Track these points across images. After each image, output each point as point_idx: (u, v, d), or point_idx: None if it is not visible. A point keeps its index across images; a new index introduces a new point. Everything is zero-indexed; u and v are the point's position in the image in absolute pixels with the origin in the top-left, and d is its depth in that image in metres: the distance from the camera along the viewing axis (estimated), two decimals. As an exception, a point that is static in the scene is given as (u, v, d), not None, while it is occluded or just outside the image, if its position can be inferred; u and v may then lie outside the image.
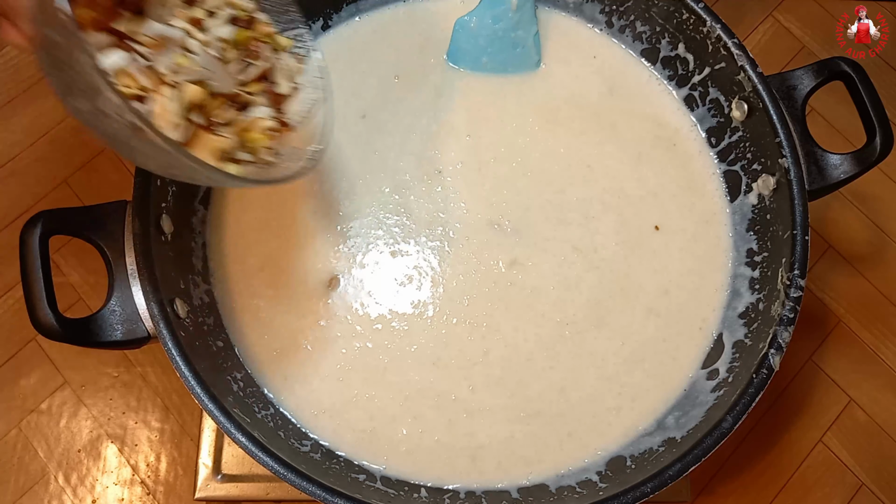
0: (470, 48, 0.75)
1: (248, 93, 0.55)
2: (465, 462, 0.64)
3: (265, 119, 0.56)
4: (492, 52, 0.75)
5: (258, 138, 0.55)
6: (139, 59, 0.50)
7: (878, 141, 0.64)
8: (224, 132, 0.53)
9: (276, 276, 0.69)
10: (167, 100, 0.51)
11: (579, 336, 0.68)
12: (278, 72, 0.58)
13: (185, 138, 0.51)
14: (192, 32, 0.53)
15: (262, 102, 0.56)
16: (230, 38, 0.55)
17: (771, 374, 0.58)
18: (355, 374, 0.66)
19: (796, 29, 0.97)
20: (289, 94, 0.59)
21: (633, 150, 0.74)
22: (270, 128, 0.56)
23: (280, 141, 0.57)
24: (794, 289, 0.60)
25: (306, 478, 0.55)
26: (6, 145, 0.89)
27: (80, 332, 0.57)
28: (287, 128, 0.58)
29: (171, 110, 0.51)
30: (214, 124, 0.53)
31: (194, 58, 0.52)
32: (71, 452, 0.78)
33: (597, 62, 0.77)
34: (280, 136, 0.57)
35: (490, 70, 0.76)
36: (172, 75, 0.51)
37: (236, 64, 0.55)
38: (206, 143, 0.53)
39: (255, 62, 0.56)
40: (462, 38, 0.75)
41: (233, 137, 0.54)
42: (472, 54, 0.75)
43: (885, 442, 0.81)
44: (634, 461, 0.63)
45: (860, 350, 0.84)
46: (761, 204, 0.67)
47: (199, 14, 0.54)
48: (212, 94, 0.53)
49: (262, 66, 0.56)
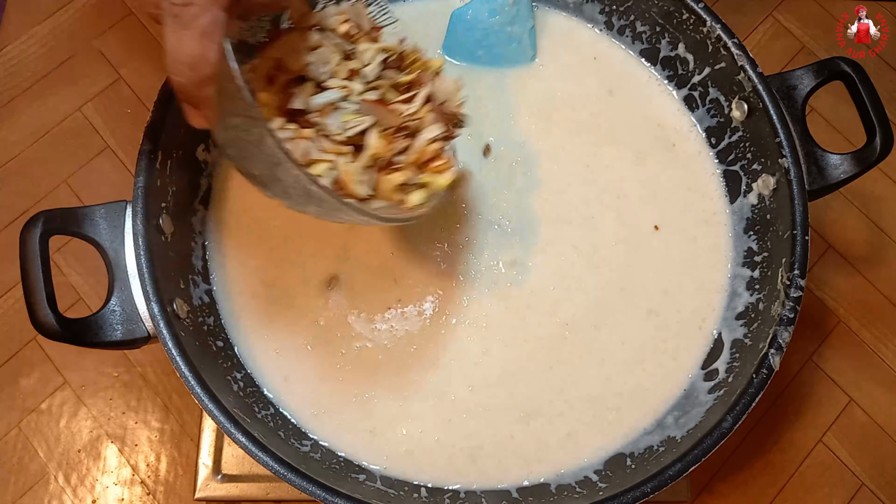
0: (466, 41, 0.75)
1: (414, 118, 0.58)
2: (465, 462, 0.64)
3: (439, 138, 0.58)
4: (487, 45, 0.75)
5: (437, 167, 0.58)
6: (315, 137, 0.54)
7: (878, 141, 0.63)
8: (400, 162, 0.56)
9: (275, 276, 0.69)
10: (349, 164, 0.53)
11: (579, 336, 0.68)
12: (436, 91, 0.60)
13: (371, 188, 0.54)
14: (351, 87, 0.56)
15: (431, 121, 0.58)
16: (389, 80, 0.58)
17: (771, 374, 0.58)
18: (355, 375, 0.66)
19: (796, 29, 0.97)
20: (454, 111, 0.61)
21: (633, 151, 0.74)
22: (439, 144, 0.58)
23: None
24: (794, 289, 0.60)
25: (306, 478, 0.55)
26: (6, 145, 0.89)
27: (80, 332, 0.57)
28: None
29: (354, 171, 0.53)
30: (391, 162, 0.56)
31: (359, 110, 0.55)
32: (71, 452, 0.78)
33: (596, 62, 0.77)
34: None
35: (485, 63, 0.76)
36: (344, 133, 0.54)
37: (399, 99, 0.57)
38: (388, 183, 0.55)
39: (418, 90, 0.58)
40: (458, 31, 0.75)
41: (409, 167, 0.56)
42: (468, 47, 0.75)
43: (884, 442, 0.81)
44: (634, 461, 0.63)
45: (860, 350, 0.84)
46: (761, 204, 0.67)
47: (356, 65, 0.57)
48: (382, 133, 0.55)
49: (424, 91, 0.58)
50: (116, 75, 0.92)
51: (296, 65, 0.56)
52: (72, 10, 0.95)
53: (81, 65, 0.92)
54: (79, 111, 0.90)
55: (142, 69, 0.92)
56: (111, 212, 0.59)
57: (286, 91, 0.56)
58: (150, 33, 0.94)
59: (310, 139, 0.54)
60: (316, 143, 0.54)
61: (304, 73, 0.56)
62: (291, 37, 0.57)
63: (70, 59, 0.92)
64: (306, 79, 0.56)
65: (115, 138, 0.89)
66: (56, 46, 0.93)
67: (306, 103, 0.55)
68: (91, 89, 0.91)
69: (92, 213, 0.59)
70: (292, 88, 0.56)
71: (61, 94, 0.91)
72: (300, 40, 0.57)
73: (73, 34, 0.93)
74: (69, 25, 0.94)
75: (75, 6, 0.95)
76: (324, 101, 0.55)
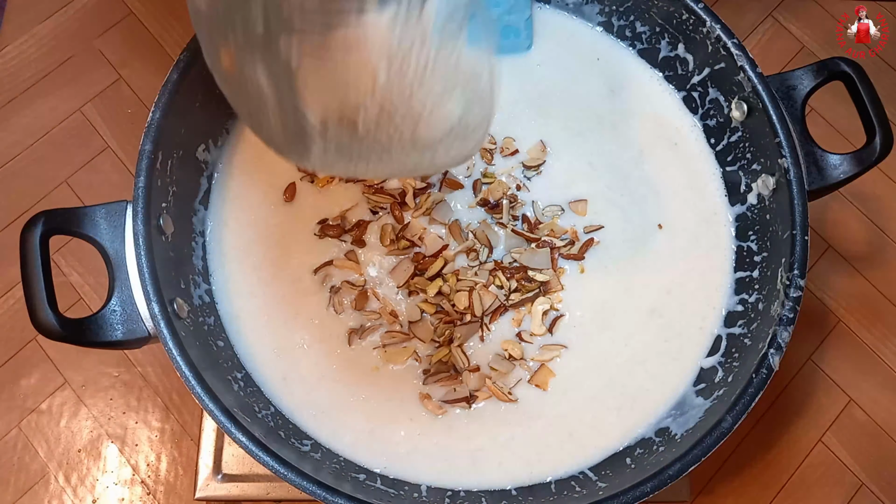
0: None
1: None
2: (466, 463, 0.64)
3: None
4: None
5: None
6: None
7: (877, 141, 0.63)
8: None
9: (274, 276, 0.69)
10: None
11: (585, 339, 0.68)
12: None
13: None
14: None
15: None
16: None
17: (770, 374, 0.58)
18: (353, 376, 0.66)
19: (796, 29, 0.97)
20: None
21: (635, 149, 0.74)
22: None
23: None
24: (794, 289, 0.60)
25: (306, 477, 0.55)
26: (6, 145, 0.89)
27: (81, 332, 0.57)
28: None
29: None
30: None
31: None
32: (71, 452, 0.78)
33: (597, 63, 0.77)
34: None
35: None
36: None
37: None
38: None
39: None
40: None
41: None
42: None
43: (884, 442, 0.81)
44: (634, 461, 0.63)
45: (860, 350, 0.84)
46: (761, 204, 0.67)
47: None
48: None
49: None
50: (117, 75, 0.92)
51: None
52: (72, 11, 0.95)
53: (82, 65, 0.92)
54: (79, 111, 0.90)
55: (142, 69, 0.92)
56: (112, 212, 0.59)
57: None
58: (151, 33, 0.94)
59: None
60: None
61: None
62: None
63: (70, 60, 0.93)
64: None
65: (116, 138, 0.89)
66: (56, 46, 0.93)
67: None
68: (91, 89, 0.91)
69: (92, 213, 0.59)
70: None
71: (61, 94, 0.91)
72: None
73: (74, 34, 0.94)
74: (69, 25, 0.94)
75: (75, 6, 0.95)
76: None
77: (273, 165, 0.71)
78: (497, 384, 0.65)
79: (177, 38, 0.94)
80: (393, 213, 0.70)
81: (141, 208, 0.59)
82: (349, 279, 0.68)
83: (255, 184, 0.71)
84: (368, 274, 0.68)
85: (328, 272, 0.69)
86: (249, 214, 0.71)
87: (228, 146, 0.72)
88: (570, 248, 0.70)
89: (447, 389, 0.65)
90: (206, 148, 0.70)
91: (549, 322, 0.68)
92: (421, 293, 0.67)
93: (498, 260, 0.69)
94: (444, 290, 0.67)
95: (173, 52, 0.93)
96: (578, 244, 0.70)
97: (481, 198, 0.71)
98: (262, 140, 0.50)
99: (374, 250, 0.69)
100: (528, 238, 0.69)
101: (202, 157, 0.69)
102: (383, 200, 0.70)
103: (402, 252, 0.68)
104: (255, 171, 0.72)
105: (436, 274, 0.67)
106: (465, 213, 0.71)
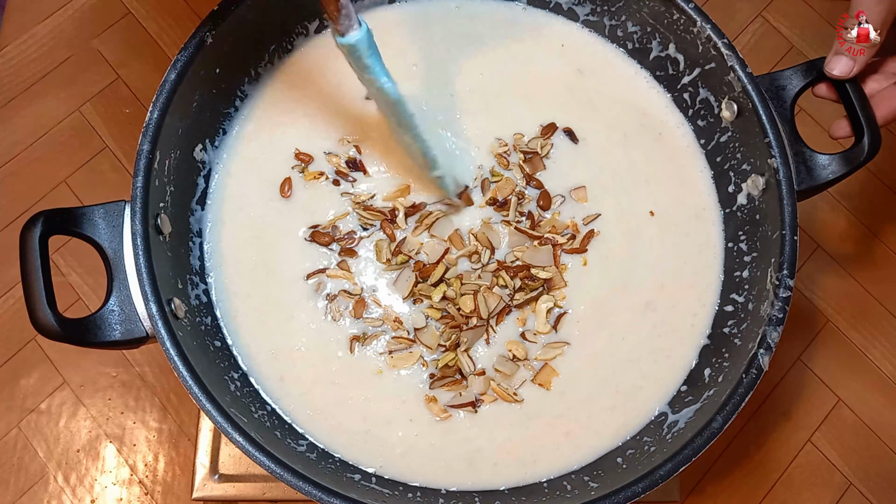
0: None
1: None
2: (462, 465, 0.64)
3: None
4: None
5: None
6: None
7: (866, 141, 0.63)
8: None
9: (270, 277, 0.69)
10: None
11: (586, 335, 0.68)
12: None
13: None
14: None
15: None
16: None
17: (760, 374, 0.58)
18: (350, 377, 0.66)
19: (785, 29, 0.97)
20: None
21: (619, 132, 0.74)
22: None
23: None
24: (783, 289, 0.60)
25: (302, 477, 0.55)
26: (6, 145, 0.89)
27: (80, 332, 0.57)
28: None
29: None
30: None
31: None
32: (70, 452, 0.79)
33: (588, 62, 0.77)
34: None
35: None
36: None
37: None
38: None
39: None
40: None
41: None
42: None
43: (873, 442, 0.81)
44: (626, 461, 0.63)
45: (848, 350, 0.84)
46: (750, 204, 0.68)
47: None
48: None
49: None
50: (115, 75, 0.92)
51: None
52: (71, 11, 0.95)
53: (80, 65, 0.92)
54: (78, 111, 0.91)
55: (140, 69, 0.93)
56: (110, 212, 0.59)
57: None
58: (149, 33, 0.94)
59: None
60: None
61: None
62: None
63: (69, 60, 0.93)
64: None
65: (114, 138, 0.90)
66: (55, 46, 0.93)
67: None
68: (90, 89, 0.91)
69: (91, 213, 0.59)
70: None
71: (60, 94, 0.91)
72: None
73: (73, 34, 0.94)
74: (68, 26, 0.94)
75: (74, 6, 0.95)
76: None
77: (269, 165, 0.72)
78: (502, 386, 0.66)
79: (175, 39, 0.94)
80: (384, 231, 0.70)
81: (139, 208, 0.59)
82: (345, 288, 0.68)
83: (252, 184, 0.71)
84: (363, 283, 0.69)
85: (321, 280, 0.69)
86: (246, 214, 0.71)
87: (225, 146, 0.72)
88: (572, 243, 0.70)
89: (454, 394, 0.66)
90: (203, 148, 0.70)
91: (554, 319, 0.68)
92: (426, 300, 0.68)
93: (500, 259, 0.69)
94: (449, 295, 0.67)
95: (171, 53, 0.93)
96: (580, 237, 0.70)
97: (490, 196, 0.71)
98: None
99: (370, 264, 0.69)
100: (531, 236, 0.69)
101: (199, 157, 0.70)
102: (373, 217, 0.70)
103: (400, 267, 0.69)
104: (252, 171, 0.72)
105: (439, 280, 0.67)
106: (468, 214, 0.71)
